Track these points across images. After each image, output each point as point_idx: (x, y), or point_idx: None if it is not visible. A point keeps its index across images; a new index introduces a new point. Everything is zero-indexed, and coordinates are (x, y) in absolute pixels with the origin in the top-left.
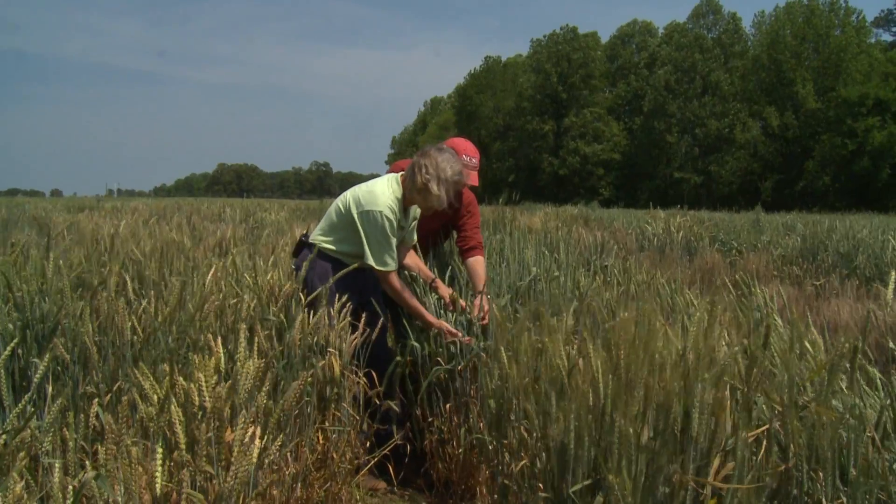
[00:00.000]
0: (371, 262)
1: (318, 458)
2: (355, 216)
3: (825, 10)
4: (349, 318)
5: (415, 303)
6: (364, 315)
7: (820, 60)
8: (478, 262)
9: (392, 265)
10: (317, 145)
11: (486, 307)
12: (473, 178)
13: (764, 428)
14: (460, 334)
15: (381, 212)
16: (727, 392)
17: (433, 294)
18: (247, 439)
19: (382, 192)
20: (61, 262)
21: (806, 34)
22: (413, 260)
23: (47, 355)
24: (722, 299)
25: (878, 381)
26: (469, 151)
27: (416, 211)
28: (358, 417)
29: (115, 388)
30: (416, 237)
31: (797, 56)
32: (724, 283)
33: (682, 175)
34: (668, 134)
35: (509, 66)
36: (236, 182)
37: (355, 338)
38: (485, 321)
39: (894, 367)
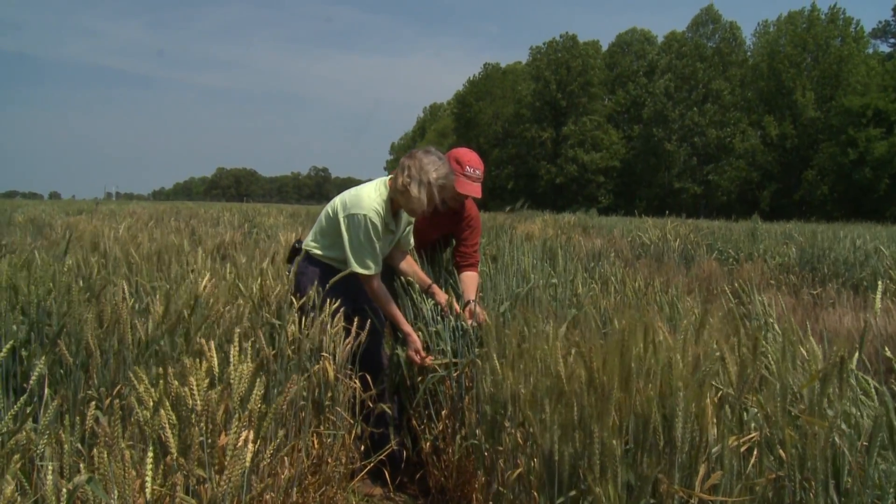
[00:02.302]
0: (352, 265)
1: (313, 463)
2: (341, 220)
3: (825, 21)
4: (343, 323)
5: (393, 308)
6: (358, 320)
7: (819, 70)
8: (472, 277)
9: (373, 269)
10: (316, 150)
11: (481, 314)
12: (476, 190)
13: (753, 436)
14: (428, 358)
15: (365, 215)
16: (708, 400)
17: (430, 300)
18: (240, 443)
19: (368, 195)
20: (66, 267)
21: (806, 44)
22: (410, 265)
23: (43, 357)
24: (720, 307)
25: (874, 390)
26: (473, 163)
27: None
28: (352, 421)
29: (115, 392)
30: (412, 241)
31: (797, 66)
32: (723, 291)
33: (681, 184)
34: (668, 142)
35: (508, 73)
36: (235, 186)
37: (349, 342)
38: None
39: (893, 376)
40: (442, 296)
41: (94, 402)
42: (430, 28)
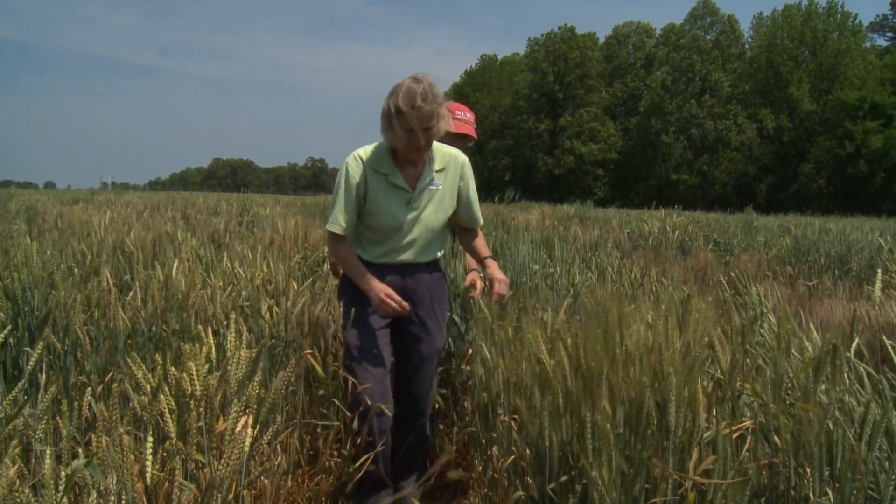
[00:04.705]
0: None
1: (309, 454)
2: None
3: (823, 14)
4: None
5: (355, 269)
6: (400, 334)
7: (816, 63)
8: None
9: (337, 225)
10: (312, 141)
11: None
12: (467, 128)
13: (747, 424)
14: (401, 306)
15: (346, 162)
16: (700, 385)
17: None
18: (238, 428)
19: (365, 145)
20: (49, 252)
21: (804, 37)
22: (470, 244)
23: (40, 344)
24: (716, 297)
25: (868, 377)
26: (461, 108)
27: (453, 174)
28: (348, 413)
29: (107, 378)
30: (477, 215)
31: (794, 59)
32: (718, 281)
33: (677, 176)
34: (665, 134)
35: (506, 64)
36: (231, 177)
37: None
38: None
39: (885, 366)
40: (491, 275)
41: (88, 389)
42: (430, 19)
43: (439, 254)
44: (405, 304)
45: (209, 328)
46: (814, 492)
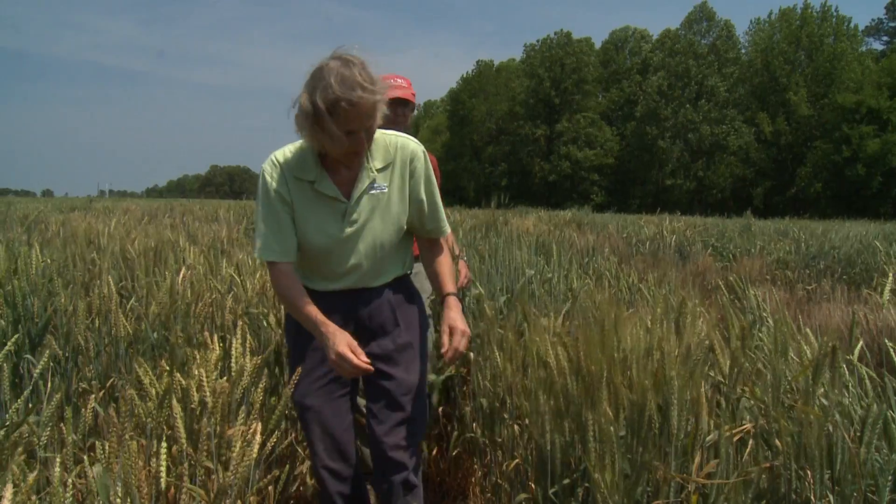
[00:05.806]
0: None
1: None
2: None
3: (817, 19)
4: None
5: (306, 313)
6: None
7: (813, 68)
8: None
9: (263, 251)
10: None
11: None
12: (403, 91)
13: (748, 427)
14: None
15: (262, 168)
16: (702, 388)
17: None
18: (248, 435)
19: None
20: (50, 259)
21: (800, 41)
22: (435, 263)
23: (46, 352)
24: (716, 301)
25: (868, 380)
26: (393, 77)
27: (401, 170)
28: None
29: (108, 384)
30: (439, 221)
31: (790, 63)
32: (717, 286)
33: (674, 181)
34: (661, 139)
35: (502, 70)
36: (228, 184)
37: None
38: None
39: (885, 368)
40: (451, 322)
41: (92, 396)
42: (425, 25)
43: (399, 274)
44: (367, 364)
45: (215, 335)
46: (815, 494)
